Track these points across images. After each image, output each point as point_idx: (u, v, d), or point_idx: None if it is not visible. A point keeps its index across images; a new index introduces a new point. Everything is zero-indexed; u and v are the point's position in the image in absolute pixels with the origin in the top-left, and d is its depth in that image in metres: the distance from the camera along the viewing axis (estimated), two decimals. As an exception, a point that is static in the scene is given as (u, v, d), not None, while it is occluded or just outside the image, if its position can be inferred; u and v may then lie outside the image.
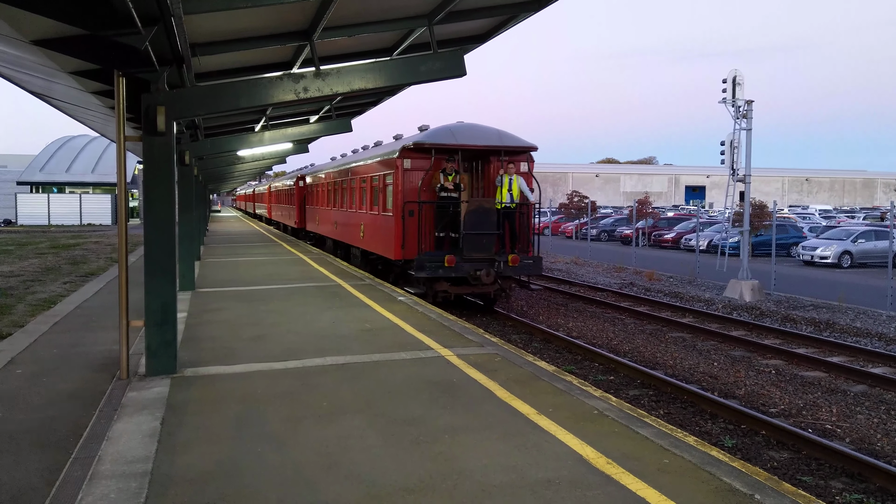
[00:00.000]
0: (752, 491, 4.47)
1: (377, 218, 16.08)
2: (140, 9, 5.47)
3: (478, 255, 13.68)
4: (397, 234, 14.18)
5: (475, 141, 14.31)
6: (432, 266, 13.39)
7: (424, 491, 4.49)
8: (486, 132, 14.66)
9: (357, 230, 18.54)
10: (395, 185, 14.33)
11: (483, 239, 13.70)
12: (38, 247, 29.10)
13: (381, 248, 15.72)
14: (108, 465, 4.91)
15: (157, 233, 7.28)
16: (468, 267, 13.61)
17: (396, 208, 14.26)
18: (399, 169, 14.29)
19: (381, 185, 15.65)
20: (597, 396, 6.58)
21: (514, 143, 14.63)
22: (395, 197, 14.33)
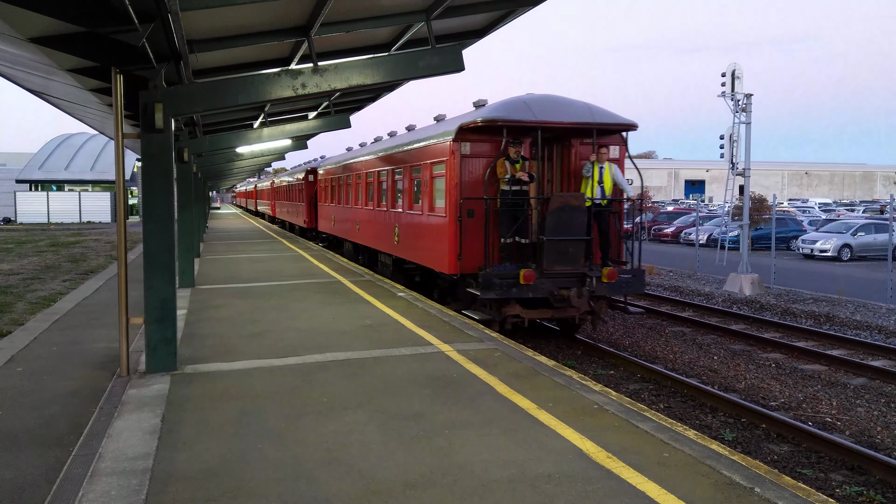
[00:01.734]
0: (752, 484, 4.47)
1: (420, 220, 13.10)
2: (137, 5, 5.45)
3: (562, 269, 10.66)
4: (452, 240, 11.05)
5: (559, 117, 10.91)
6: (503, 284, 10.35)
7: (425, 486, 4.50)
8: (573, 106, 11.33)
9: (389, 233, 15.41)
10: (450, 176, 11.25)
11: (569, 247, 10.63)
12: (37, 245, 29.10)
13: (428, 258, 12.63)
14: (109, 462, 4.91)
15: (157, 230, 7.27)
16: (550, 285, 10.59)
17: (451, 207, 11.18)
18: (455, 155, 11.13)
19: (427, 177, 12.54)
20: (597, 391, 6.59)
21: (610, 120, 11.35)
22: (449, 192, 11.25)
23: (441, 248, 11.65)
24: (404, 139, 14.83)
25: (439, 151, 11.79)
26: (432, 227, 12.30)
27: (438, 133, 12.07)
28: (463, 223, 10.93)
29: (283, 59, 10.15)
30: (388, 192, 15.56)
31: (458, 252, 10.95)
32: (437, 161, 11.94)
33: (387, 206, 15.65)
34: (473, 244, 10.91)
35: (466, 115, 11.74)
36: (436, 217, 12.07)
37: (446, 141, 11.37)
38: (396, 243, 14.81)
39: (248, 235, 31.50)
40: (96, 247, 28.08)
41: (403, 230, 14.28)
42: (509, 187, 10.83)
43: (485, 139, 11.10)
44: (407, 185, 13.99)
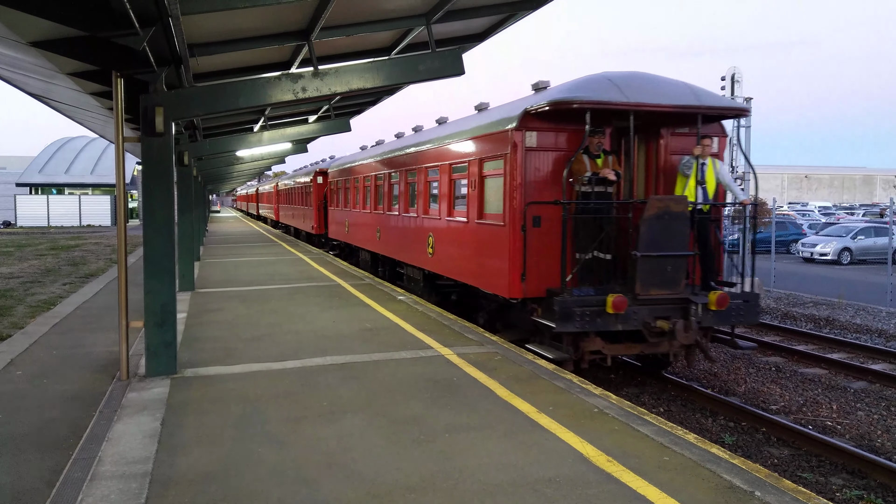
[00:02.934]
0: (752, 488, 4.47)
1: (464, 229, 10.81)
2: (138, 9, 5.47)
3: (659, 293, 8.47)
4: (513, 255, 8.95)
5: (657, 98, 8.64)
6: (586, 314, 8.21)
7: (425, 490, 4.49)
8: (671, 85, 9.07)
9: (420, 244, 13.16)
10: (510, 175, 9.01)
11: (668, 265, 8.42)
12: (37, 248, 29.10)
13: (475, 276, 10.45)
14: (109, 465, 4.91)
15: (157, 233, 7.28)
16: (645, 313, 8.43)
17: (512, 213, 8.98)
18: (518, 149, 8.88)
19: (476, 176, 10.40)
20: (597, 395, 6.59)
21: (720, 104, 9.26)
22: (510, 195, 9.01)
23: (497, 264, 9.47)
24: (441, 132, 12.53)
25: (495, 144, 9.58)
26: (483, 238, 10.04)
27: (493, 122, 9.87)
28: (527, 234, 8.78)
29: (283, 63, 10.17)
30: (420, 196, 13.22)
31: (521, 270, 8.84)
32: (490, 156, 9.82)
33: (418, 212, 13.32)
34: (540, 260, 8.82)
35: (526, 98, 9.63)
36: (489, 226, 9.86)
37: (506, 130, 9.17)
38: (430, 256, 12.54)
39: (248, 239, 31.50)
40: (96, 250, 28.08)
41: (440, 241, 12.04)
42: (591, 188, 8.71)
43: (555, 128, 9.01)
44: (446, 187, 11.78)
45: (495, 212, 9.74)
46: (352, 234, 20.13)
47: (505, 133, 9.25)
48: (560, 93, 8.81)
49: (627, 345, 8.88)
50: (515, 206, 8.98)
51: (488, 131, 9.96)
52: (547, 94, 9.04)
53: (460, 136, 11.25)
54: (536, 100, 9.04)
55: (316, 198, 25.86)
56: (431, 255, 12.56)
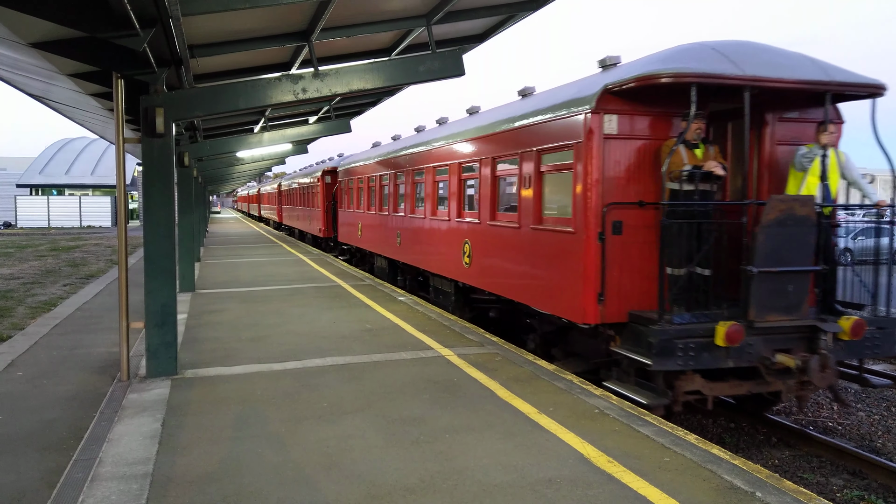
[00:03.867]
0: (753, 489, 4.47)
1: (519, 236, 8.90)
2: (138, 10, 5.47)
3: (779, 318, 6.83)
4: (589, 270, 7.23)
5: (779, 72, 6.95)
6: (690, 346, 6.61)
7: (425, 491, 4.49)
8: (790, 58, 7.31)
9: (453, 252, 11.35)
10: (585, 168, 7.26)
11: (789, 283, 6.83)
12: (37, 249, 29.11)
13: (535, 295, 8.53)
14: (109, 466, 4.91)
15: (157, 234, 7.28)
16: (762, 346, 6.83)
17: (586, 217, 7.25)
18: (594, 136, 7.20)
19: (533, 172, 8.51)
20: (597, 395, 6.58)
21: (855, 80, 7.26)
22: (584, 194, 7.29)
23: (562, 280, 7.75)
24: (479, 122, 10.75)
25: (560, 132, 7.85)
26: (542, 247, 8.27)
27: (556, 105, 8.07)
28: (606, 243, 7.16)
29: (283, 64, 10.18)
30: (454, 196, 11.42)
31: (598, 289, 7.17)
32: (553, 147, 8.07)
33: (450, 215, 11.54)
34: (622, 277, 7.27)
35: (593, 78, 7.93)
36: (551, 232, 8.07)
37: (577, 114, 7.44)
38: (466, 266, 10.74)
39: (249, 240, 31.51)
40: (97, 251, 28.09)
41: (480, 249, 10.26)
42: (694, 185, 7.08)
43: (640, 110, 7.38)
44: (488, 186, 9.99)
45: (560, 215, 8.01)
46: (366, 238, 18.16)
47: (576, 117, 7.48)
48: (652, 65, 6.94)
49: (733, 382, 7.09)
50: (590, 209, 7.23)
51: (550, 117, 8.11)
52: (639, 66, 7.16)
53: (507, 125, 9.40)
54: (617, 75, 7.26)
55: (323, 199, 24.15)
56: (468, 265, 10.71)
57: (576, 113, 7.55)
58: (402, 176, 14.52)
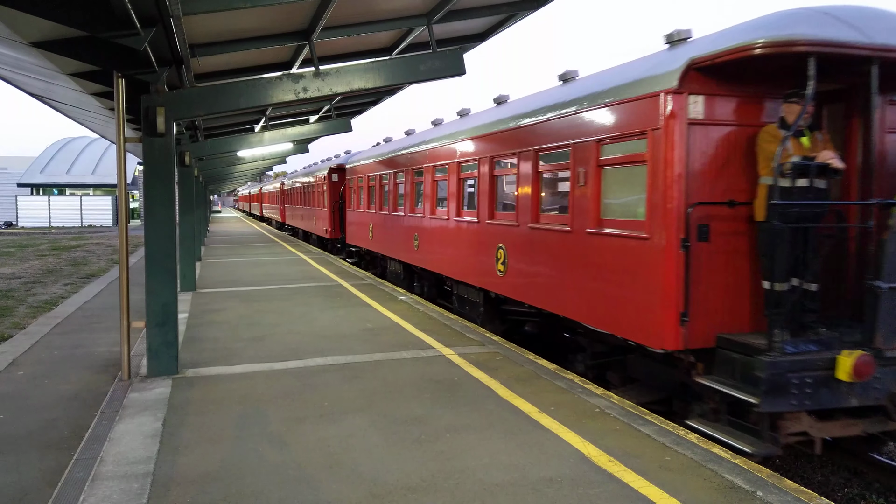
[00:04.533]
0: (754, 488, 4.47)
1: (572, 241, 7.69)
2: (139, 10, 5.47)
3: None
4: (669, 285, 6.04)
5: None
6: (807, 383, 5.51)
7: (426, 490, 4.49)
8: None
9: (485, 257, 10.04)
10: (664, 161, 6.09)
11: None
12: (38, 248, 29.13)
13: (594, 312, 7.30)
14: (110, 466, 4.91)
15: (158, 234, 7.29)
16: (891, 379, 5.69)
17: (665, 220, 6.07)
18: (677, 121, 6.02)
19: (590, 165, 7.25)
20: (598, 394, 6.58)
21: None
22: (663, 192, 6.10)
23: (633, 295, 6.52)
24: (515, 110, 9.42)
25: (629, 117, 6.64)
26: (604, 255, 7.06)
27: (622, 85, 6.87)
28: (692, 252, 5.99)
29: (284, 63, 10.18)
30: (484, 195, 10.15)
31: (680, 307, 5.99)
32: (618, 136, 6.83)
33: (480, 216, 10.31)
34: (709, 292, 6.11)
35: (657, 55, 6.80)
36: (616, 237, 6.85)
37: (654, 95, 6.22)
38: (501, 274, 9.49)
39: (249, 239, 31.52)
40: (97, 250, 28.10)
41: (520, 255, 8.97)
42: (808, 181, 5.83)
43: (733, 91, 6.16)
44: (529, 183, 8.69)
45: (628, 217, 6.79)
46: (377, 240, 16.88)
47: (651, 99, 6.26)
48: (751, 33, 5.66)
49: (845, 422, 5.96)
50: (671, 210, 6.00)
51: (613, 100, 6.92)
52: (715, 42, 5.99)
53: (552, 113, 8.14)
54: (696, 50, 6.07)
55: (330, 198, 22.89)
56: (502, 273, 9.43)
57: (651, 94, 6.29)
58: (421, 173, 13.18)
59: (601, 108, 7.16)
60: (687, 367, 6.30)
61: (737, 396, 5.65)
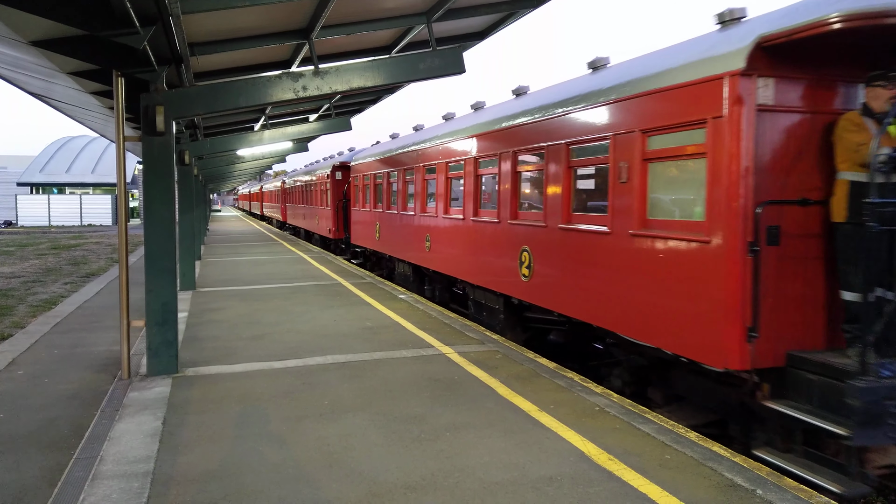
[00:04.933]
0: (754, 486, 4.47)
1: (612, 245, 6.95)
2: (138, 9, 5.47)
3: None
4: (734, 295, 5.37)
5: None
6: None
7: (426, 489, 4.49)
8: None
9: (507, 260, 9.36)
10: (727, 153, 5.43)
11: None
12: (38, 248, 29.13)
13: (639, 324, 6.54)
14: (110, 465, 4.92)
15: (158, 232, 7.29)
16: None
17: (729, 221, 5.41)
18: (744, 108, 5.37)
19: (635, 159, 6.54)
20: (598, 393, 6.58)
21: None
22: (726, 189, 5.44)
23: (691, 306, 5.79)
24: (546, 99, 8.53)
25: (685, 104, 5.91)
26: (652, 259, 6.30)
27: (675, 68, 6.14)
28: (761, 258, 5.34)
29: (283, 62, 10.18)
30: (507, 193, 9.39)
31: (747, 322, 5.32)
32: (672, 126, 6.08)
33: (500, 216, 9.60)
34: (779, 304, 5.47)
35: (717, 34, 5.97)
36: (668, 240, 6.10)
37: (716, 78, 5.54)
38: (525, 279, 8.78)
39: (249, 238, 31.52)
40: (97, 249, 28.09)
41: (548, 259, 8.26)
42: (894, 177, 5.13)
43: (805, 74, 5.53)
44: (562, 179, 7.92)
45: (682, 218, 6.13)
46: (385, 240, 16.24)
47: (712, 83, 5.57)
48: (823, 7, 4.99)
49: None
50: (737, 209, 5.34)
51: (663, 85, 6.19)
52: (779, 19, 5.31)
53: (586, 103, 7.43)
54: (766, 25, 5.35)
55: (334, 196, 22.19)
56: (527, 277, 8.74)
57: (711, 78, 5.60)
58: (433, 170, 12.44)
59: (647, 95, 6.41)
60: (750, 387, 5.56)
61: (824, 427, 4.89)
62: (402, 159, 14.59)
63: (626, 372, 7.45)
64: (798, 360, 5.38)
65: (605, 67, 7.97)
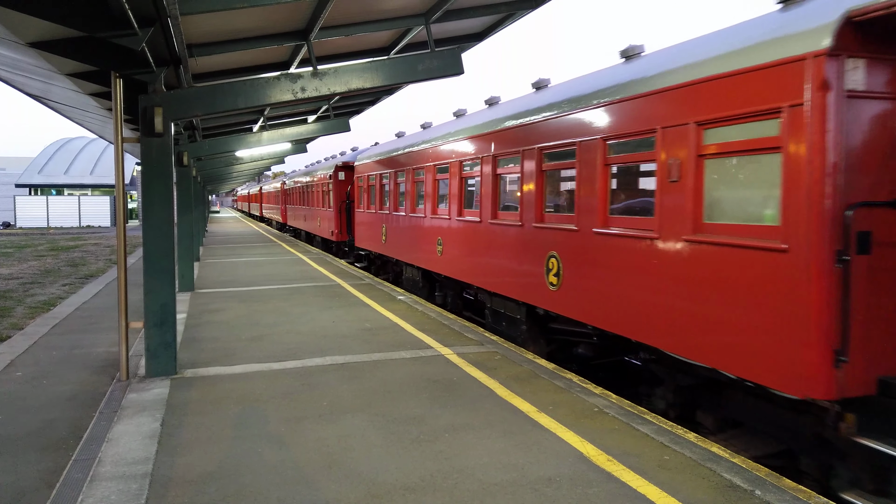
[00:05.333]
0: (752, 487, 4.47)
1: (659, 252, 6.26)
2: (136, 10, 5.47)
3: None
4: (820, 312, 4.65)
5: None
6: None
7: (425, 490, 4.49)
8: None
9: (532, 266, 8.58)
10: (809, 146, 4.72)
11: None
12: (36, 249, 29.09)
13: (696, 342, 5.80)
14: (109, 466, 4.91)
15: (156, 234, 7.28)
16: None
17: (816, 225, 4.69)
18: (830, 95, 4.66)
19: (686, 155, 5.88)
20: (597, 394, 6.58)
21: None
22: (810, 188, 4.73)
23: (763, 323, 5.08)
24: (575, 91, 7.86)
25: (755, 90, 5.19)
26: (712, 268, 5.59)
27: (741, 48, 5.44)
28: (852, 268, 4.68)
29: (282, 63, 10.18)
30: (529, 193, 8.63)
31: (834, 343, 4.66)
32: (735, 116, 5.37)
33: (523, 218, 8.80)
34: (870, 324, 4.78)
35: (776, 14, 5.42)
36: (732, 248, 5.40)
37: (793, 57, 4.87)
38: (553, 288, 8.04)
39: (247, 239, 31.51)
40: (96, 251, 28.07)
41: (578, 265, 7.56)
42: None
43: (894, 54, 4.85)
44: (597, 178, 7.14)
45: (750, 222, 5.36)
46: (392, 244, 15.43)
47: (789, 65, 4.89)
48: None
49: None
50: (823, 213, 4.66)
51: (724, 70, 5.48)
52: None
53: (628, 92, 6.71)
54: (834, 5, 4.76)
55: (336, 197, 21.52)
56: (555, 286, 7.99)
57: (788, 59, 4.89)
58: (446, 169, 11.69)
59: (704, 82, 5.67)
60: (830, 418, 4.84)
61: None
62: (411, 158, 13.77)
63: (670, 392, 6.65)
64: (893, 387, 4.66)
65: (640, 56, 7.27)
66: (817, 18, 4.86)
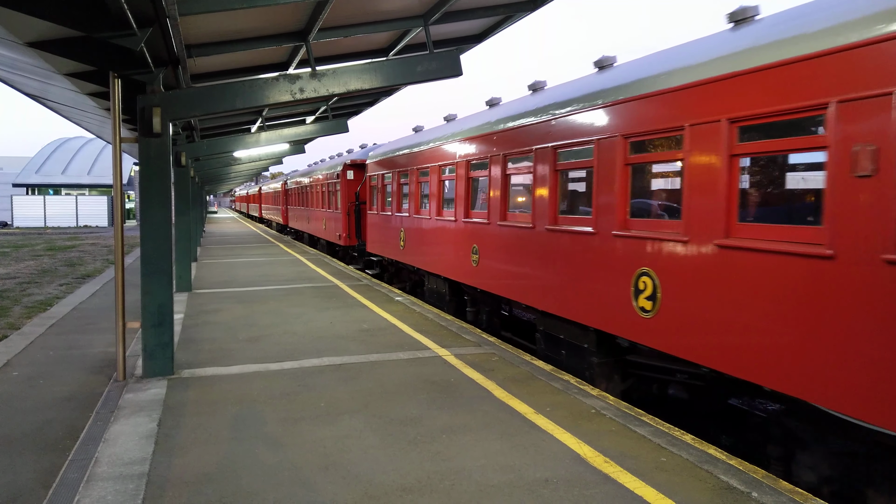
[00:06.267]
0: (749, 489, 4.47)
1: (826, 271, 4.55)
2: (135, 10, 5.47)
3: None
4: None
5: None
6: None
7: (422, 491, 4.49)
8: None
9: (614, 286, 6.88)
10: None
11: None
12: (34, 249, 29.03)
13: (862, 394, 4.28)
14: (105, 467, 4.90)
15: (154, 234, 7.28)
16: None
17: None
18: None
19: (836, 146, 4.45)
20: (594, 395, 6.59)
21: None
22: None
23: None
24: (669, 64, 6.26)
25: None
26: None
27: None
28: None
29: (281, 64, 10.18)
30: (611, 194, 6.86)
31: None
32: None
33: (597, 224, 7.12)
34: None
35: None
36: None
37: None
38: (645, 314, 6.40)
39: (245, 239, 31.49)
40: (93, 251, 28.02)
41: (687, 289, 5.88)
42: None
43: None
44: (720, 175, 5.45)
45: None
46: (412, 250, 13.65)
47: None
48: None
49: None
50: None
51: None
52: None
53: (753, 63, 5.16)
54: None
55: (345, 198, 19.95)
56: (648, 313, 6.35)
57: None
58: (485, 165, 9.95)
59: (855, 48, 4.35)
60: None
61: None
62: (437, 154, 12.00)
63: (824, 464, 5.23)
64: None
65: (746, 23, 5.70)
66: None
